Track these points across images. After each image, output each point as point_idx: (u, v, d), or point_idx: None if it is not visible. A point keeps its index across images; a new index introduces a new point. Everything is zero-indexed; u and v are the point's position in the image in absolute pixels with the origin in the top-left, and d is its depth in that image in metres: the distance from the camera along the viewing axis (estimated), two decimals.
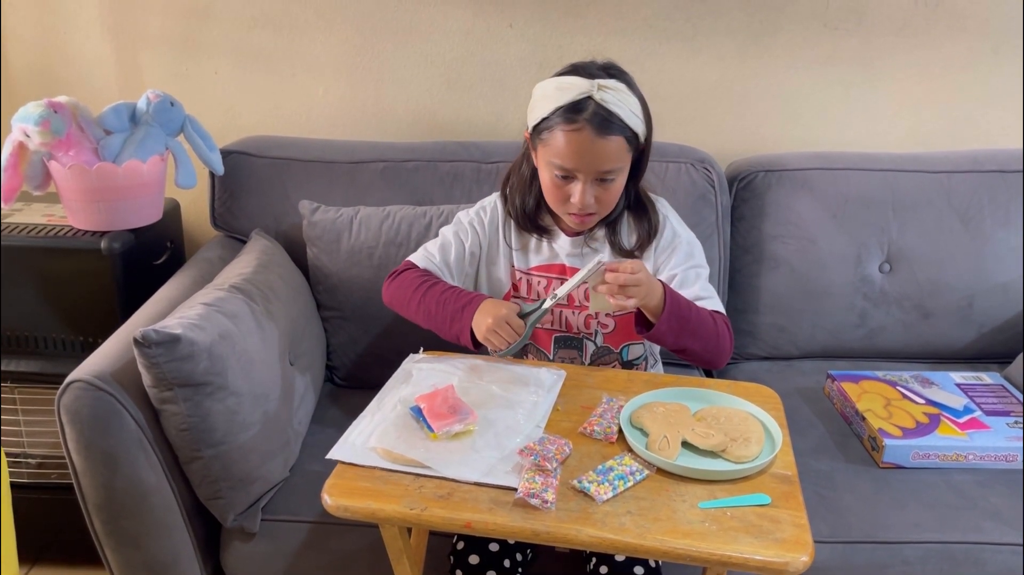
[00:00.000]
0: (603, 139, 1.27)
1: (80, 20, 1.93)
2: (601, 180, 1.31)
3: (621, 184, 1.35)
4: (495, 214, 1.49)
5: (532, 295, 1.47)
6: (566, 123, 1.27)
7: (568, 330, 1.46)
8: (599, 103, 1.26)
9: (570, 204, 1.34)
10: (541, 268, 1.46)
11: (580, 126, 1.26)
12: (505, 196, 1.48)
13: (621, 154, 1.30)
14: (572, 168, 1.30)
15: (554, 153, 1.30)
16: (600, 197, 1.33)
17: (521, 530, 0.97)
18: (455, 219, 1.52)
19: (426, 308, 1.39)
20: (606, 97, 1.26)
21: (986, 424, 1.50)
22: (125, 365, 1.28)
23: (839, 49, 1.90)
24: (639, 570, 1.23)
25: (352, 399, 1.48)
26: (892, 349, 1.83)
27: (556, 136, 1.29)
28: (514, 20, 1.90)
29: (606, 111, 1.26)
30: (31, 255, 1.60)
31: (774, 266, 1.79)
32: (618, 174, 1.32)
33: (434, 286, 1.40)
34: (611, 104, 1.26)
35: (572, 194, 1.32)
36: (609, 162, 1.29)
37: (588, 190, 1.31)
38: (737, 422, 1.14)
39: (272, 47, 1.94)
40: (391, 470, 1.05)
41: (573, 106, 1.27)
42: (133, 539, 1.31)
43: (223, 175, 1.78)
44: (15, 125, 1.55)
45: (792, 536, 0.95)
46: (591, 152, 1.28)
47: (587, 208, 1.33)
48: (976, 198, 1.77)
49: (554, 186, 1.34)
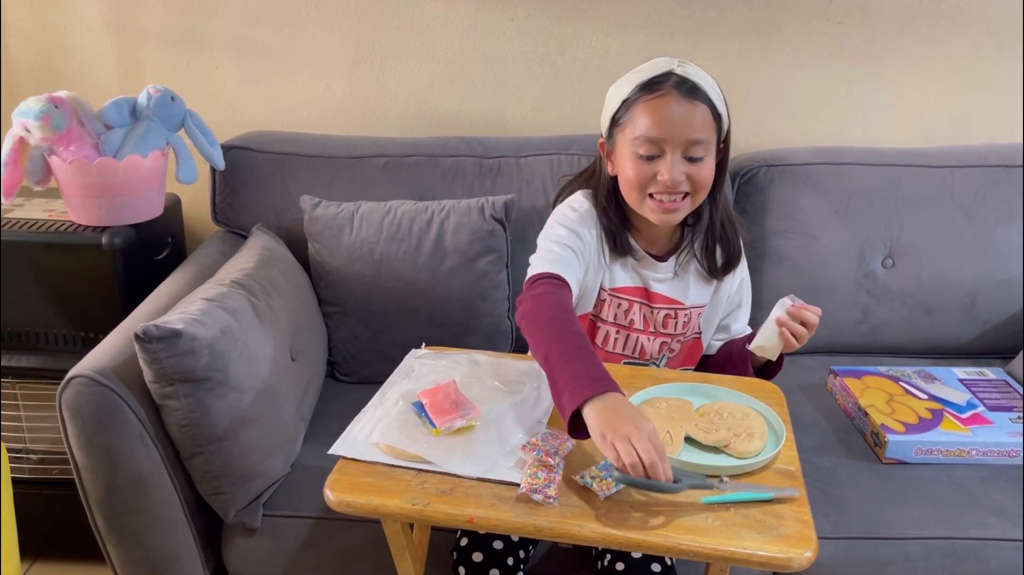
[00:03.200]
0: (689, 103, 1.22)
1: (81, 15, 1.93)
2: (689, 159, 1.24)
3: (710, 168, 1.28)
4: (591, 218, 1.36)
5: (610, 316, 1.40)
6: (649, 94, 1.23)
7: (641, 356, 1.43)
8: (681, 74, 1.23)
9: (656, 183, 1.25)
10: (626, 291, 1.39)
11: (664, 92, 1.22)
12: (601, 207, 1.35)
13: (707, 127, 1.24)
14: (659, 136, 1.23)
15: (638, 129, 1.24)
16: (690, 174, 1.25)
17: (524, 526, 0.97)
18: (558, 225, 1.33)
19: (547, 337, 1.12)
20: (688, 70, 1.24)
21: (989, 420, 1.50)
22: (126, 361, 1.28)
23: (842, 45, 1.89)
24: (656, 567, 1.22)
25: (354, 394, 1.48)
26: (895, 345, 1.82)
27: (638, 112, 1.24)
28: (516, 15, 1.90)
29: (689, 79, 1.23)
30: (32, 251, 1.60)
31: (777, 261, 1.79)
32: (707, 153, 1.25)
33: (564, 320, 1.16)
34: (693, 76, 1.24)
35: (659, 171, 1.24)
36: (696, 129, 1.23)
37: (677, 163, 1.23)
38: (740, 418, 1.14)
39: (273, 42, 1.94)
40: (393, 465, 1.05)
41: (655, 79, 1.24)
42: (135, 535, 1.31)
43: (224, 170, 1.77)
44: (15, 120, 1.54)
45: (796, 532, 0.95)
46: (678, 116, 1.22)
47: (677, 185, 1.24)
48: (979, 193, 1.77)
49: (638, 170, 1.25)
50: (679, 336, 1.42)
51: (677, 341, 1.43)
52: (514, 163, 1.78)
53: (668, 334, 1.42)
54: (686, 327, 1.42)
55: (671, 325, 1.41)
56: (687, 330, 1.43)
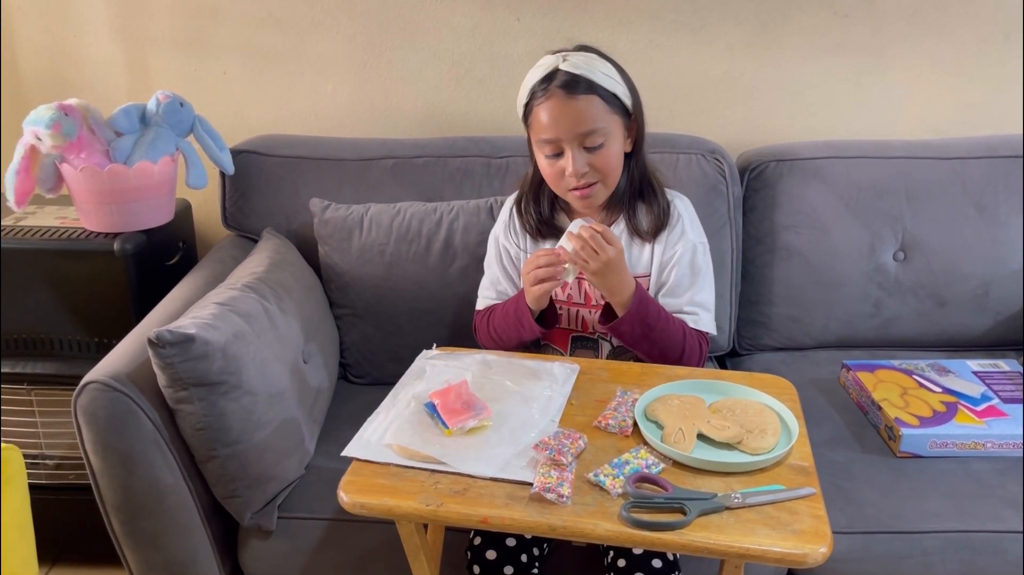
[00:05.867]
0: (574, 99, 1.29)
1: (89, 23, 1.94)
2: (588, 148, 1.32)
3: (615, 151, 1.35)
4: (512, 218, 1.51)
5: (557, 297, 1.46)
6: (540, 95, 1.32)
7: (584, 330, 1.46)
8: (566, 70, 1.30)
9: (567, 179, 1.34)
10: None
11: (551, 92, 1.31)
12: (520, 208, 1.49)
13: (600, 115, 1.31)
14: (554, 136, 1.32)
15: (538, 130, 1.34)
16: (593, 163, 1.33)
17: (537, 525, 0.97)
18: (490, 239, 1.55)
19: (498, 336, 1.45)
20: (573, 62, 1.30)
21: (1004, 412, 1.49)
22: (140, 366, 1.28)
23: (849, 37, 1.88)
24: (657, 563, 1.23)
25: (366, 396, 1.49)
26: (907, 338, 1.81)
27: (536, 113, 1.34)
28: (521, 14, 1.90)
29: (573, 75, 1.30)
30: (45, 258, 1.61)
31: (787, 256, 1.78)
32: (606, 138, 1.33)
33: (492, 316, 1.47)
34: (578, 68, 1.30)
35: (565, 166, 1.33)
36: (587, 122, 1.30)
37: (577, 156, 1.32)
38: (753, 413, 1.14)
39: (280, 46, 1.95)
40: (407, 466, 1.05)
41: (543, 79, 1.32)
42: (151, 539, 1.31)
43: (233, 175, 1.78)
44: (26, 129, 1.55)
45: (810, 527, 0.95)
46: (565, 114, 1.30)
47: (582, 175, 1.33)
48: (991, 184, 1.75)
49: (550, 167, 1.36)
50: None
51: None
52: (522, 162, 1.77)
53: None
54: None
55: None
56: None
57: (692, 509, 0.96)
